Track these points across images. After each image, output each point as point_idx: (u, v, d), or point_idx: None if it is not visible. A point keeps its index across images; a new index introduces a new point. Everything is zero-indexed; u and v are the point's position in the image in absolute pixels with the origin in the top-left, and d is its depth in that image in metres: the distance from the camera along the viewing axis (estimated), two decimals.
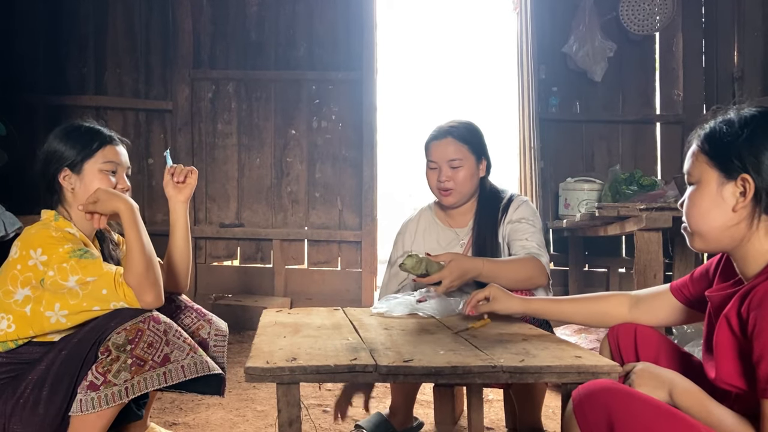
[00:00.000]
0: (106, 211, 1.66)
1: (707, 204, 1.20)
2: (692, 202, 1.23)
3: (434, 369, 1.16)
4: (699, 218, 1.21)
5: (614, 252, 4.33)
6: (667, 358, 1.37)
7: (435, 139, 2.08)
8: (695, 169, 1.23)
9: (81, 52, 4.44)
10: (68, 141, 1.71)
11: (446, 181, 2.04)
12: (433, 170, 2.08)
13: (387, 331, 1.51)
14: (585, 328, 3.10)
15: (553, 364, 1.19)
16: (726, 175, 1.17)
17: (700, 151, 1.22)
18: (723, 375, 1.13)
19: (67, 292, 1.53)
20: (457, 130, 2.06)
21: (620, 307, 1.50)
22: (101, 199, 1.64)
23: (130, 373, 1.49)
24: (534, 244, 1.96)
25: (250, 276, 4.48)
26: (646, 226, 2.37)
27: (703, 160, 1.21)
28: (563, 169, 4.30)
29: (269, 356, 1.20)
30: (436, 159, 2.06)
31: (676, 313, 1.43)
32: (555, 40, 4.28)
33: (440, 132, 2.08)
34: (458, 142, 2.05)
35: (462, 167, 2.04)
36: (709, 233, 1.20)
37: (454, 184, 2.04)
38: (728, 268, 1.26)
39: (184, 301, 1.85)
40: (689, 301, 1.39)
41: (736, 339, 1.12)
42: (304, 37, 4.45)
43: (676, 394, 1.17)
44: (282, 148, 4.49)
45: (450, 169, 2.04)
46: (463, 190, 2.06)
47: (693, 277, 1.39)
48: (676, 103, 4.39)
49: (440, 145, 2.06)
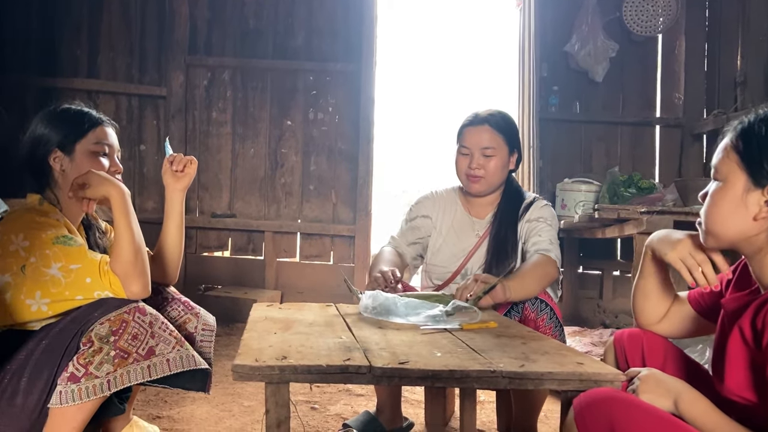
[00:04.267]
0: (96, 196, 1.59)
1: (729, 207, 1.13)
2: (713, 200, 1.16)
3: (431, 372, 1.11)
4: (717, 220, 1.15)
5: (609, 254, 4.29)
6: (675, 366, 1.33)
7: (471, 125, 2.07)
8: (723, 165, 1.15)
9: (74, 34, 4.34)
10: (58, 122, 1.65)
11: (477, 168, 2.03)
12: (465, 156, 2.06)
13: (381, 330, 1.45)
14: (580, 331, 3.06)
15: (554, 370, 1.14)
16: (754, 181, 1.10)
17: (732, 149, 1.14)
18: (732, 386, 1.09)
19: (49, 279, 1.47)
20: (494, 118, 2.06)
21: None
22: (92, 183, 1.58)
23: (113, 365, 1.43)
24: (545, 239, 1.98)
25: (241, 268, 4.42)
26: (647, 229, 2.33)
27: (734, 159, 1.13)
28: (561, 169, 4.26)
29: (258, 354, 1.15)
30: (469, 145, 2.05)
31: (691, 323, 1.38)
32: (557, 38, 4.23)
33: (477, 118, 2.07)
34: (494, 130, 2.04)
35: (495, 156, 2.03)
36: (724, 236, 1.15)
37: (484, 173, 2.03)
38: (745, 277, 1.21)
39: (171, 293, 1.79)
40: (704, 310, 1.34)
41: (748, 349, 1.07)
42: (302, 26, 4.38)
43: (681, 404, 1.12)
44: (277, 138, 4.42)
45: (482, 157, 2.03)
46: (492, 180, 2.05)
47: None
48: (677, 106, 4.35)
49: (476, 131, 2.05)
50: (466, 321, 1.54)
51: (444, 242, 2.13)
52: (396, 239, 2.17)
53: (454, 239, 2.12)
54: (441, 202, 2.18)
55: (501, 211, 2.09)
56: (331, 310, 1.75)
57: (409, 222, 2.17)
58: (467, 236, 2.11)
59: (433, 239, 2.15)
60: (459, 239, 2.11)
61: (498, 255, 2.04)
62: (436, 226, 2.15)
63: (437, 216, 2.16)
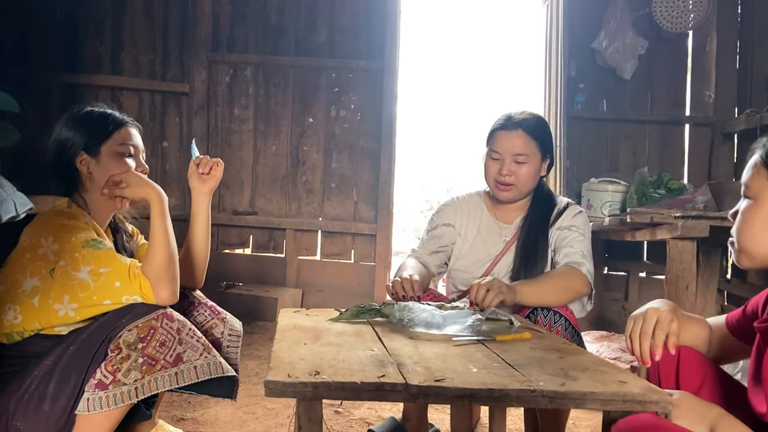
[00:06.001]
0: (134, 197, 1.60)
1: (761, 225, 1.11)
2: (745, 218, 1.14)
3: (468, 391, 1.07)
4: (750, 238, 1.13)
5: (635, 255, 4.20)
6: (713, 388, 1.27)
7: (503, 129, 1.96)
8: (754, 183, 1.13)
9: (98, 31, 4.35)
10: (83, 125, 1.65)
11: (508, 175, 1.94)
12: (495, 161, 1.96)
13: (412, 341, 1.42)
14: (607, 335, 3.00)
15: (596, 390, 1.09)
16: None
17: (763, 165, 1.12)
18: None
19: (78, 283, 1.46)
20: (527, 123, 1.95)
21: None
22: (132, 183, 1.58)
23: (140, 372, 1.42)
24: (578, 251, 1.89)
25: (262, 265, 4.41)
26: (681, 234, 2.25)
27: (765, 175, 1.12)
28: (587, 168, 4.18)
29: (290, 368, 1.12)
30: (500, 150, 1.95)
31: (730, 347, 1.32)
32: (584, 35, 4.14)
33: (510, 122, 1.96)
34: (528, 136, 1.94)
35: (527, 163, 1.93)
36: (757, 254, 1.12)
37: (515, 180, 1.94)
38: None
39: (198, 297, 1.78)
40: (742, 335, 1.29)
41: None
42: (325, 22, 4.34)
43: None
44: (299, 136, 4.40)
45: (514, 164, 1.93)
46: (523, 187, 1.96)
47: (746, 309, 1.29)
48: (707, 105, 4.24)
49: (508, 136, 1.94)
50: (500, 331, 1.50)
51: (470, 248, 2.06)
52: (417, 250, 2.08)
53: (480, 245, 2.05)
54: (464, 208, 2.10)
55: (531, 216, 2.01)
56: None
57: (431, 231, 2.09)
58: (494, 241, 2.04)
59: (458, 246, 2.08)
60: (486, 245, 2.05)
61: (527, 261, 1.97)
62: (460, 233, 2.07)
63: (461, 223, 2.08)
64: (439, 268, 2.09)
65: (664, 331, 1.25)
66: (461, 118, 9.39)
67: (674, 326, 1.25)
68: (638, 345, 1.27)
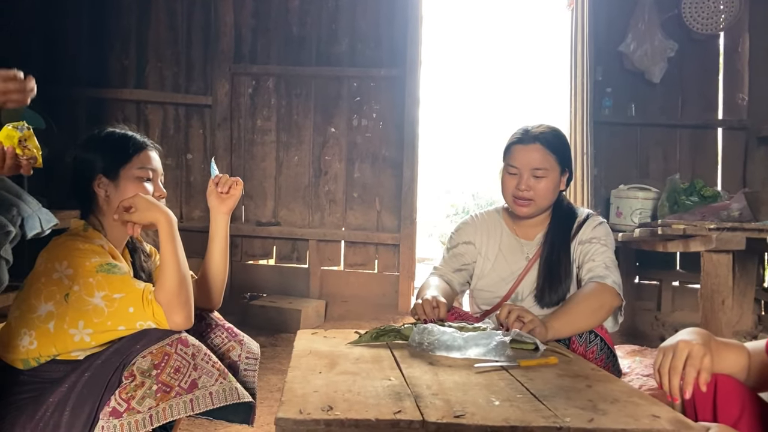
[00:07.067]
0: (143, 221, 1.57)
1: None
2: None
3: (490, 429, 1.01)
4: None
5: (668, 264, 4.07)
6: (752, 419, 1.19)
7: (520, 143, 1.90)
8: None
9: (123, 46, 4.41)
10: (103, 147, 1.64)
11: (526, 190, 1.87)
12: (513, 176, 1.90)
13: (432, 367, 1.36)
14: (640, 350, 2.90)
15: (627, 427, 1.03)
16: None
17: None
18: None
19: (92, 309, 1.44)
20: (545, 136, 1.88)
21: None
22: (140, 208, 1.56)
23: (155, 400, 1.39)
24: (600, 263, 1.81)
25: (285, 276, 4.40)
26: (716, 247, 2.15)
27: None
28: (615, 175, 4.07)
29: (302, 402, 1.08)
30: (518, 165, 1.88)
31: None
32: (611, 38, 4.04)
33: (527, 136, 1.90)
34: (546, 150, 1.87)
35: (545, 178, 1.87)
36: None
37: (534, 195, 1.87)
38: None
39: (215, 318, 1.75)
40: None
41: None
42: (346, 32, 4.32)
43: None
44: (321, 146, 4.38)
45: (532, 178, 1.87)
46: (542, 202, 1.90)
47: None
48: (741, 108, 4.10)
49: (526, 150, 1.88)
50: (524, 356, 1.43)
51: (492, 267, 2.00)
52: (440, 268, 2.03)
53: (503, 263, 1.99)
54: (483, 226, 2.04)
55: (552, 231, 1.94)
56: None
57: (451, 249, 2.03)
58: (516, 259, 1.97)
59: (479, 265, 2.02)
60: (508, 263, 1.98)
61: (551, 279, 1.89)
62: (481, 252, 2.01)
63: (481, 241, 2.01)
64: (462, 285, 2.04)
65: (695, 368, 1.16)
66: (486, 122, 9.29)
67: (706, 362, 1.17)
68: (667, 381, 1.19)
